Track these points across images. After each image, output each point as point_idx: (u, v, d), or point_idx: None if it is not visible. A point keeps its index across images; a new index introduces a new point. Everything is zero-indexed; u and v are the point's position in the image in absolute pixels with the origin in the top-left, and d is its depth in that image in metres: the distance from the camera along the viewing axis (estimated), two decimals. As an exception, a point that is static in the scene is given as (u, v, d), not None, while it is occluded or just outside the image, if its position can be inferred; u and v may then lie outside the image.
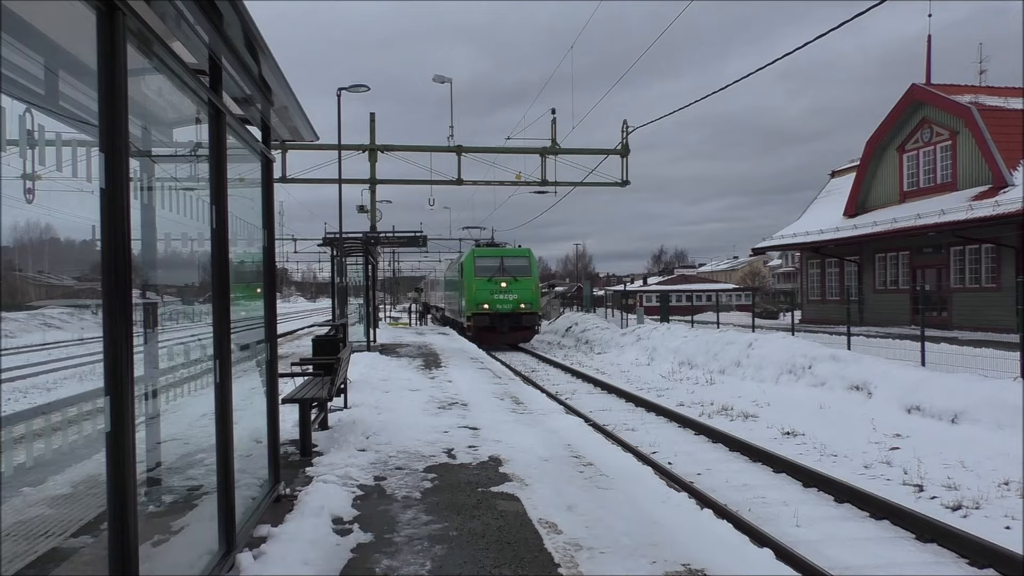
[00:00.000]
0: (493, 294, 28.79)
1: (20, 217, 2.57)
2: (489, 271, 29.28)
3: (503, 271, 29.25)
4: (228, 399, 4.26)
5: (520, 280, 29.32)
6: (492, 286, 28.93)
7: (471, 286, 29.21)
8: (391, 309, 64.78)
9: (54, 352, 3.05)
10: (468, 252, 31.55)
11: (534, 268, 30.50)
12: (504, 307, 28.88)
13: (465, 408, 10.90)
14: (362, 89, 22.10)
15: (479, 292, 28.88)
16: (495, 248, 32.45)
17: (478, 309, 28.82)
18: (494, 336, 28.89)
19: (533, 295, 29.65)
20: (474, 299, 28.89)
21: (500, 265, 29.39)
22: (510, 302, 28.97)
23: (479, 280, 29.07)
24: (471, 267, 29.63)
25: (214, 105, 4.19)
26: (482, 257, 30.10)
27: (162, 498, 4.30)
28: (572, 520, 5.43)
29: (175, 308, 4.46)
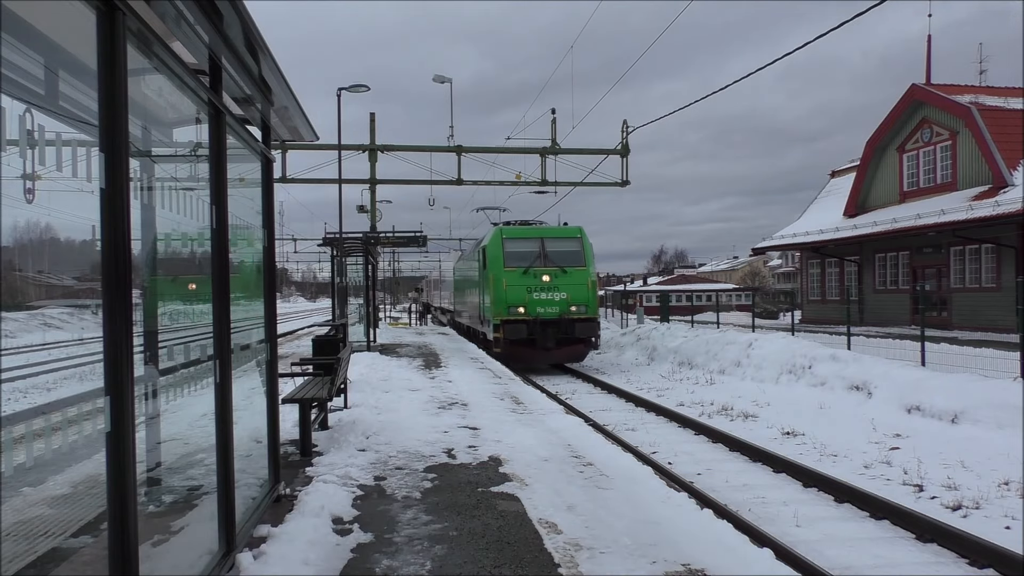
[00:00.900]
0: (532, 292, 20.23)
1: (20, 217, 2.57)
2: (524, 259, 20.69)
3: (544, 259, 20.70)
4: (228, 399, 4.26)
5: (570, 272, 20.55)
6: (530, 281, 20.35)
7: (498, 282, 20.54)
8: (391, 309, 64.78)
9: (54, 352, 3.05)
10: (492, 233, 22.12)
11: (588, 254, 21.22)
12: (549, 311, 20.13)
13: (465, 408, 10.90)
14: (362, 89, 22.10)
15: (512, 290, 20.32)
16: (531, 227, 22.79)
17: (510, 315, 20.07)
18: (533, 353, 20.32)
19: (589, 294, 20.63)
20: (503, 300, 20.27)
21: (540, 250, 20.86)
22: (557, 304, 20.27)
23: (511, 273, 20.46)
24: (498, 254, 20.96)
25: (214, 105, 4.19)
26: (514, 239, 21.28)
27: (162, 498, 4.31)
28: (572, 520, 5.43)
29: (175, 308, 4.46)
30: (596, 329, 20.73)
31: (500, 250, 21.10)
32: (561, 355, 20.92)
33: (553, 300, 20.44)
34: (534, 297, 20.34)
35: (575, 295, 20.49)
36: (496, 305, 20.47)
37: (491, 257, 21.29)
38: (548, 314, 20.23)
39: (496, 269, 20.86)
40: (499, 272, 20.72)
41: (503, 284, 20.47)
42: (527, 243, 21.27)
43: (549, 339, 20.16)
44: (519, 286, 20.41)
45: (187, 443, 4.58)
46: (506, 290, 20.38)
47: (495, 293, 20.59)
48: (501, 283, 20.54)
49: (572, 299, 20.41)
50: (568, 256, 21.03)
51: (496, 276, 20.75)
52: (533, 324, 20.06)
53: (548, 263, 20.74)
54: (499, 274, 20.69)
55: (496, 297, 20.52)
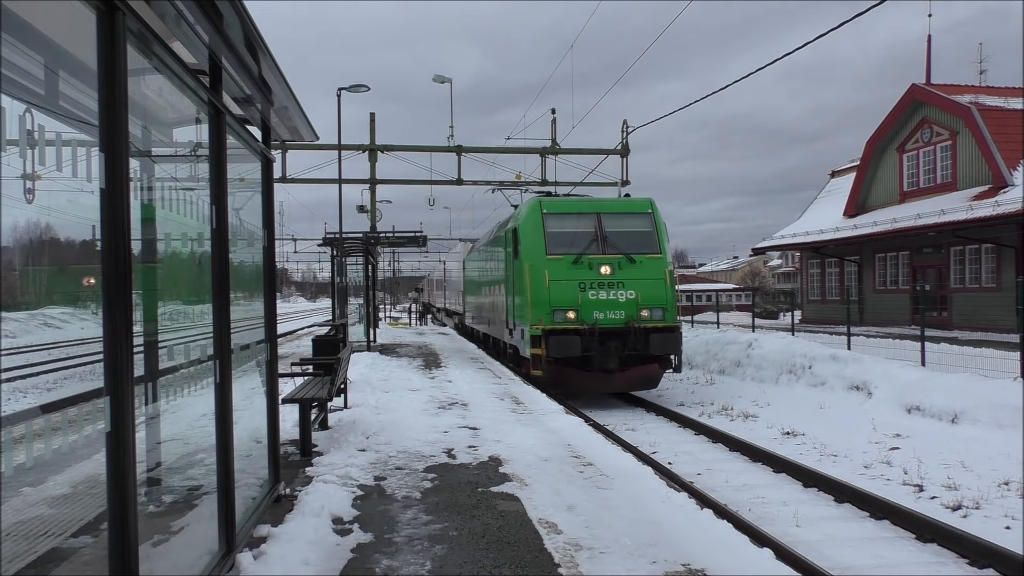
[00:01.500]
0: (587, 290, 14.52)
1: (20, 217, 2.57)
2: (574, 243, 14.99)
3: (603, 243, 15.01)
4: (228, 399, 4.26)
5: (640, 261, 14.84)
6: (583, 274, 14.62)
7: (538, 275, 14.69)
8: (391, 309, 64.79)
9: (54, 352, 3.05)
10: (526, 207, 16.19)
11: (663, 236, 15.52)
12: (611, 317, 14.42)
13: (465, 408, 10.90)
14: (362, 89, 22.10)
15: (558, 288, 14.53)
16: (581, 199, 17.14)
17: (556, 322, 14.40)
18: (588, 378, 14.43)
19: (667, 292, 14.78)
20: (545, 301, 14.49)
21: (596, 231, 15.15)
22: (622, 306, 14.52)
23: (555, 263, 14.74)
24: (537, 236, 15.16)
25: (214, 105, 4.19)
26: (559, 216, 15.41)
27: (162, 498, 4.31)
28: (572, 520, 5.43)
29: (175, 308, 4.46)
30: (677, 343, 14.37)
31: (540, 230, 15.02)
32: (628, 380, 14.50)
33: (617, 301, 14.42)
34: (589, 297, 14.33)
35: (648, 294, 14.52)
36: (535, 308, 14.42)
37: (526, 240, 15.20)
38: (610, 321, 14.25)
39: (534, 257, 14.86)
40: (539, 261, 14.74)
41: (544, 278, 14.39)
42: (577, 220, 15.28)
43: (611, 357, 14.10)
44: (568, 281, 14.43)
45: (187, 443, 4.58)
46: (549, 287, 14.35)
47: (533, 291, 14.53)
48: (542, 277, 14.49)
49: (644, 299, 14.44)
50: (636, 239, 15.14)
51: (535, 267, 14.68)
52: (589, 336, 14.00)
53: (608, 249, 14.83)
54: (539, 264, 14.70)
55: (535, 297, 14.49)
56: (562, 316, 14.40)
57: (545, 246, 14.93)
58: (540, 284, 14.59)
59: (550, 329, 14.19)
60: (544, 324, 14.31)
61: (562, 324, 14.33)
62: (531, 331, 14.44)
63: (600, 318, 14.34)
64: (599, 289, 14.57)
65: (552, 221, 15.30)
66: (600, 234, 15.10)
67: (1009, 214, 20.50)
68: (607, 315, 14.40)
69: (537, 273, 14.71)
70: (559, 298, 14.44)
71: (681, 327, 15.16)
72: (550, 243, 14.97)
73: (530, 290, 14.65)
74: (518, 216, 16.56)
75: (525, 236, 15.38)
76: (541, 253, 14.90)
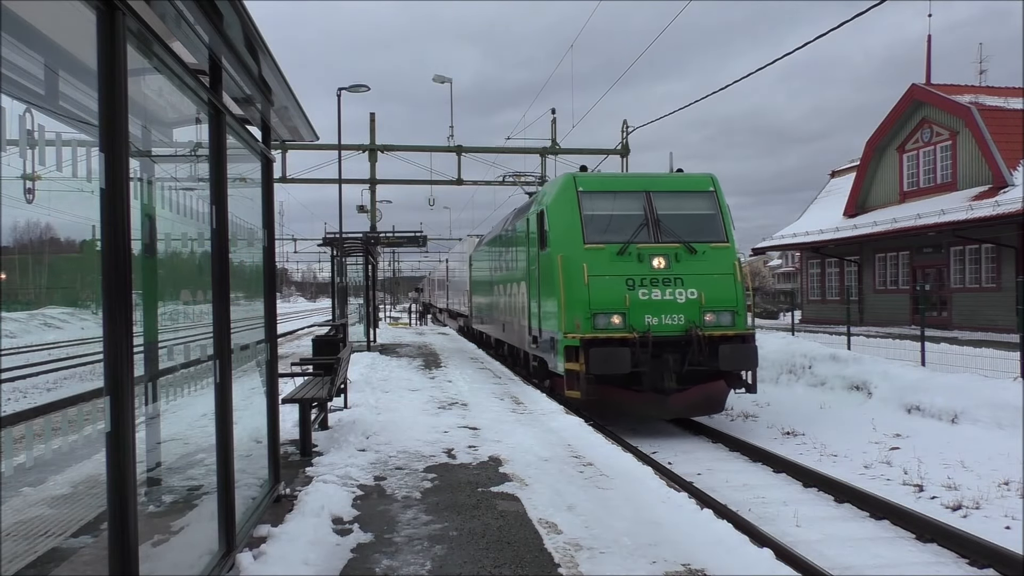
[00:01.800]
0: (636, 289, 11.65)
1: (20, 217, 2.57)
2: (619, 229, 12.16)
3: (654, 228, 12.19)
4: (228, 399, 4.26)
5: (703, 252, 12.09)
6: (630, 268, 11.79)
7: (572, 270, 11.82)
8: (391, 309, 64.79)
9: (54, 352, 3.05)
10: (558, 185, 13.14)
11: (728, 221, 12.72)
12: (668, 323, 11.58)
13: (465, 408, 10.90)
14: (362, 89, 22.10)
15: (600, 285, 11.65)
16: (625, 176, 15.12)
17: (596, 329, 11.48)
18: (640, 400, 11.49)
19: (736, 290, 12.06)
20: (583, 302, 11.58)
21: (645, 214, 12.29)
22: (681, 308, 11.68)
23: (595, 253, 11.85)
24: (571, 220, 12.27)
25: (214, 105, 4.19)
26: (599, 194, 12.57)
27: (162, 498, 4.31)
28: (572, 520, 5.43)
29: (175, 308, 4.46)
30: (753, 356, 11.37)
31: (575, 213, 12.04)
32: (688, 403, 11.31)
33: (674, 302, 11.47)
34: (639, 297, 11.39)
35: (713, 293, 11.62)
36: (570, 311, 11.45)
37: (558, 226, 12.29)
38: (666, 328, 11.30)
39: (568, 246, 11.88)
40: (574, 252, 11.73)
41: (582, 274, 11.41)
42: (622, 200, 12.32)
43: (667, 375, 11.10)
44: (612, 277, 11.47)
45: (187, 443, 4.59)
46: (589, 284, 11.37)
47: (568, 290, 11.54)
48: (578, 272, 11.49)
49: (708, 300, 11.55)
50: (696, 223, 12.28)
51: (569, 260, 11.68)
52: (640, 347, 10.97)
53: (662, 236, 11.92)
54: (574, 255, 11.68)
55: (570, 297, 11.51)
56: (605, 321, 11.32)
57: (582, 232, 11.84)
58: (576, 281, 11.53)
59: (591, 338, 11.08)
60: (582, 331, 11.25)
61: (606, 331, 11.27)
62: (565, 340, 11.35)
63: (653, 324, 11.35)
64: (651, 287, 11.54)
65: (590, 201, 12.19)
66: (651, 217, 12.08)
67: (1009, 214, 20.50)
68: (662, 320, 11.42)
69: (572, 267, 11.64)
70: (601, 298, 11.39)
71: (754, 332, 11.99)
72: (588, 229, 11.90)
73: (563, 289, 11.56)
74: (544, 197, 13.33)
75: (556, 220, 12.37)
76: (577, 241, 11.82)
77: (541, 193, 14.37)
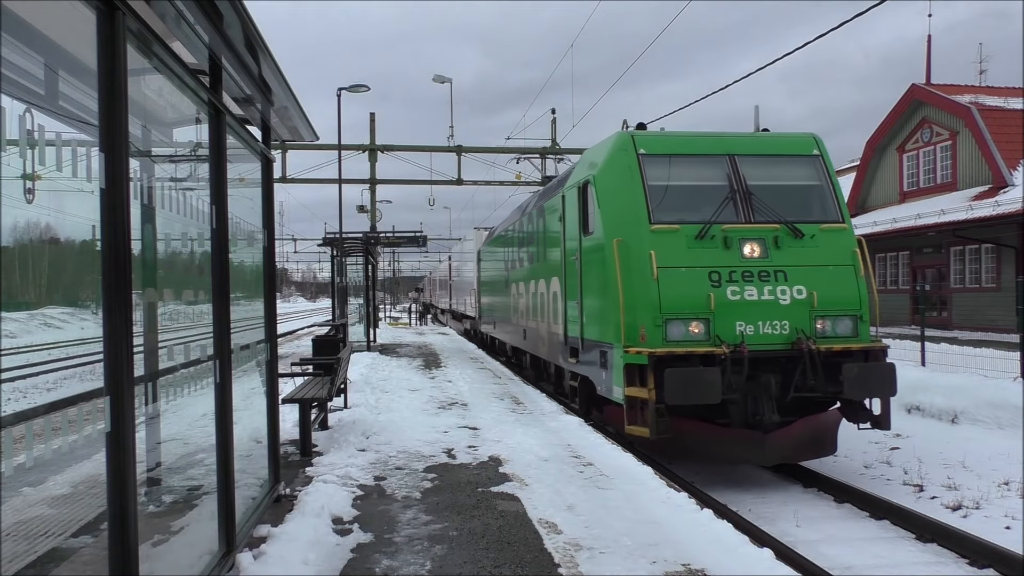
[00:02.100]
0: (723, 284, 8.41)
1: (20, 217, 2.57)
2: (694, 204, 8.98)
3: (743, 203, 8.95)
4: (228, 399, 4.26)
5: (812, 235, 8.84)
6: (712, 256, 8.56)
7: (631, 258, 8.62)
8: (391, 309, 64.80)
9: (54, 352, 3.05)
10: (610, 144, 9.56)
11: (840, 196, 9.33)
12: (768, 331, 8.32)
13: (465, 408, 10.90)
14: (362, 89, 22.09)
15: (671, 280, 8.38)
16: (699, 136, 9.73)
17: (669, 341, 8.21)
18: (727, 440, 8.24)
19: (858, 285, 8.74)
20: (648, 303, 8.33)
21: (732, 185, 9.06)
22: (785, 312, 8.38)
23: (663, 237, 8.58)
24: (629, 191, 8.96)
25: (214, 105, 4.19)
26: (665, 159, 9.13)
27: (162, 498, 4.31)
28: (572, 520, 5.43)
29: (175, 308, 4.46)
30: (890, 380, 8.48)
31: (636, 182, 8.97)
32: (794, 443, 8.33)
33: (776, 305, 8.49)
34: (728, 297, 8.46)
35: (829, 291, 8.67)
36: (632, 316, 8.49)
37: (611, 200, 9.27)
38: (765, 340, 8.38)
39: (626, 227, 8.94)
40: (635, 234, 8.79)
41: (649, 265, 8.44)
42: (698, 166, 9.29)
43: (767, 404, 8.16)
44: (690, 270, 8.56)
45: (187, 443, 4.59)
46: (659, 279, 8.42)
47: (628, 287, 8.61)
48: (642, 262, 8.55)
49: (823, 301, 8.57)
50: (798, 197, 9.29)
51: (630, 246, 8.77)
52: (733, 366, 8.07)
53: (755, 214, 8.94)
54: (636, 240, 8.74)
55: (632, 297, 8.57)
56: (681, 330, 8.16)
57: (647, 209, 8.62)
58: (640, 274, 8.38)
59: (664, 354, 7.92)
60: (650, 344, 8.10)
61: (683, 344, 8.11)
62: (625, 357, 8.21)
63: (748, 334, 8.17)
64: (744, 283, 8.35)
65: (656, 167, 8.94)
66: (738, 188, 8.89)
67: (1009, 214, 20.50)
68: (759, 328, 8.25)
69: (634, 255, 8.49)
70: (677, 298, 8.23)
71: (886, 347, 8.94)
72: (655, 204, 8.67)
73: (621, 285, 8.41)
74: (585, 167, 10.22)
75: (608, 194, 9.17)
76: (639, 221, 8.62)
77: (580, 163, 10.98)
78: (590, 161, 10.26)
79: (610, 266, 8.85)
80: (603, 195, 9.40)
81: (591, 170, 9.87)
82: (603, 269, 9.21)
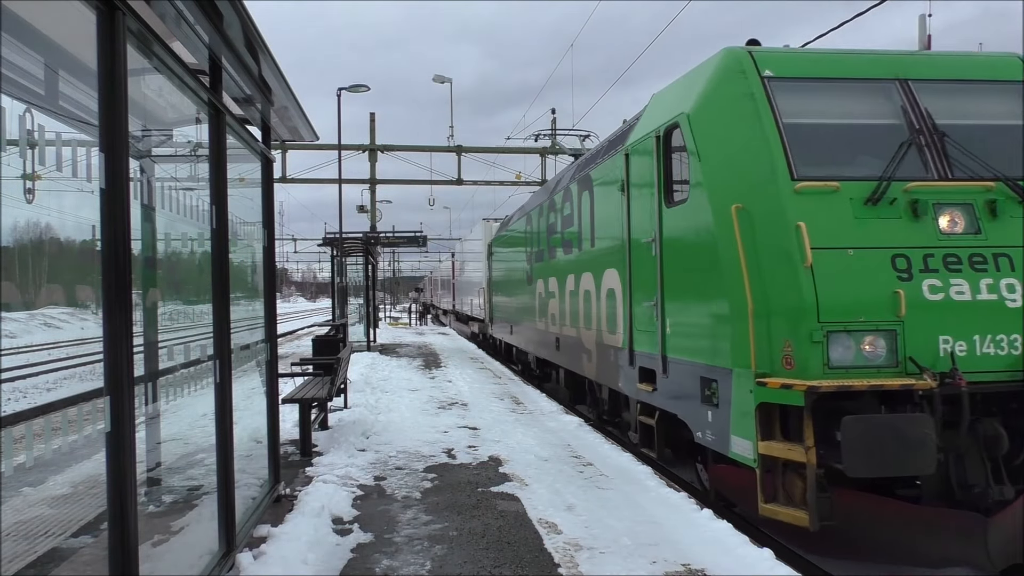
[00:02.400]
0: (913, 275, 5.08)
1: (20, 217, 2.58)
2: (855, 151, 5.76)
3: (934, 150, 5.62)
4: (228, 399, 4.26)
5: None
6: (897, 231, 5.23)
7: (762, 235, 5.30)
8: (391, 309, 64.82)
9: (54, 352, 3.05)
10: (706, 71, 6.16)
11: None
12: (988, 349, 4.99)
13: (465, 408, 10.90)
14: (362, 89, 22.08)
15: (834, 268, 5.06)
16: (851, 54, 6.23)
17: (833, 367, 4.93)
18: (920, 521, 4.91)
19: None
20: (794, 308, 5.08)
21: (913, 122, 5.77)
22: (1015, 320, 4.97)
23: (814, 199, 5.28)
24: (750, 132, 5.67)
25: (214, 105, 4.20)
26: (800, 84, 5.91)
27: (162, 498, 4.31)
28: (572, 520, 5.43)
29: (175, 308, 4.47)
30: None
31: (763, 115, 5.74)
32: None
33: (1002, 307, 5.14)
34: (924, 295, 5.14)
35: None
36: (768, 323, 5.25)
37: (718, 148, 5.99)
38: (987, 366, 5.05)
39: (747, 187, 5.65)
40: (766, 196, 5.51)
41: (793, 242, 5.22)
42: (854, 95, 6.10)
43: (987, 468, 4.91)
44: (862, 252, 5.26)
45: (187, 443, 4.59)
46: (814, 267, 5.11)
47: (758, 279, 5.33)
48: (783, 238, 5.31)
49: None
50: (1009, 142, 5.85)
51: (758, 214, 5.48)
52: (945, 409, 4.79)
53: (950, 167, 5.66)
54: (768, 203, 5.48)
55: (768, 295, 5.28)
56: (849, 349, 5.14)
57: (787, 158, 5.62)
58: (778, 259, 5.40)
59: (833, 389, 4.88)
60: (800, 372, 5.14)
61: (859, 373, 5.10)
62: (759, 392, 5.23)
63: (959, 354, 5.15)
64: (948, 273, 5.32)
65: (792, 97, 6.00)
66: (922, 127, 5.90)
67: (1009, 214, 20.42)
68: (976, 347, 5.18)
69: (764, 230, 5.53)
70: (844, 296, 5.21)
71: None
72: (797, 151, 5.67)
73: (748, 276, 5.39)
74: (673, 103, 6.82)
75: (714, 139, 6.10)
76: (773, 176, 5.60)
77: (651, 109, 7.53)
78: (672, 99, 6.88)
79: (724, 247, 5.62)
80: (705, 141, 6.03)
81: (680, 108, 6.45)
82: (707, 253, 5.89)
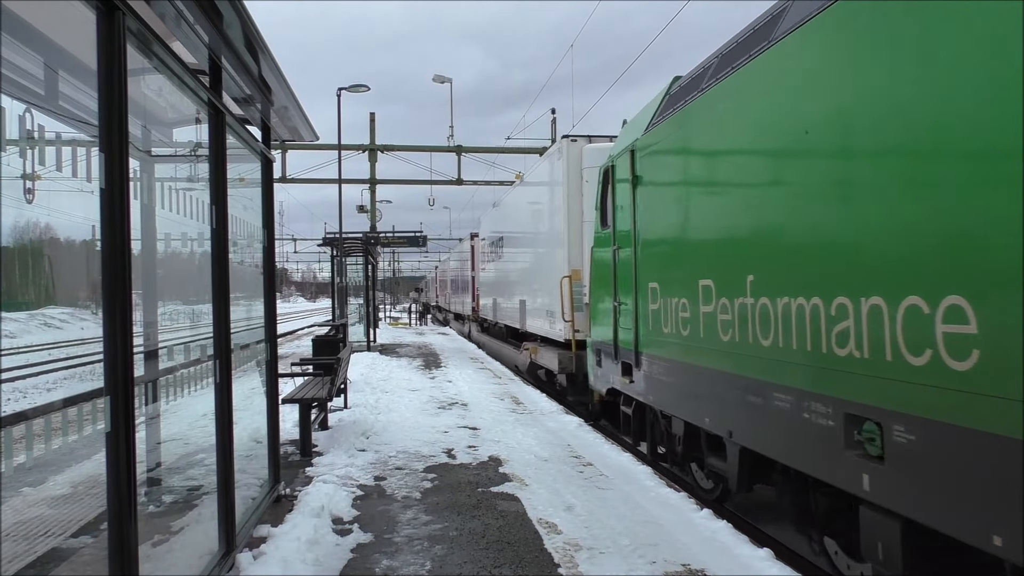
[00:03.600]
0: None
1: (20, 217, 2.58)
2: None
3: None
4: (228, 399, 4.26)
5: None
6: None
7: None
8: (391, 309, 64.80)
9: (54, 352, 3.05)
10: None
11: None
12: None
13: (465, 408, 10.90)
14: (362, 89, 22.07)
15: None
16: None
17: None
18: None
19: None
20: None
21: None
22: None
23: None
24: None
25: (214, 105, 4.20)
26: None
27: (162, 498, 4.31)
28: (572, 520, 5.43)
29: (175, 308, 4.47)
30: None
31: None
32: None
33: None
34: None
35: None
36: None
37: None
38: None
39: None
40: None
41: None
42: None
43: None
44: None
45: (187, 443, 4.59)
46: None
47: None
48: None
49: None
50: None
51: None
52: None
53: None
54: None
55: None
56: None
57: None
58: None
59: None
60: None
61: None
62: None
63: None
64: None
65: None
66: None
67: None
68: None
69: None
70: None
71: None
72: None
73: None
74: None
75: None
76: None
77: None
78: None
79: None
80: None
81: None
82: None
